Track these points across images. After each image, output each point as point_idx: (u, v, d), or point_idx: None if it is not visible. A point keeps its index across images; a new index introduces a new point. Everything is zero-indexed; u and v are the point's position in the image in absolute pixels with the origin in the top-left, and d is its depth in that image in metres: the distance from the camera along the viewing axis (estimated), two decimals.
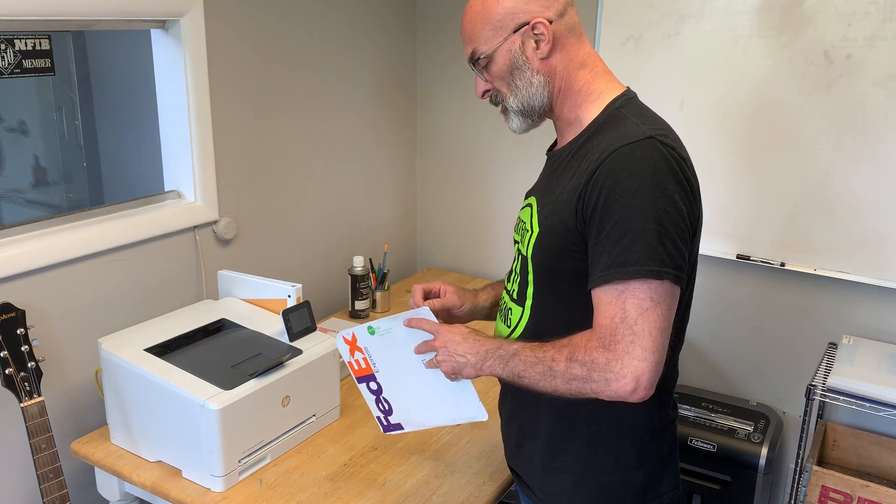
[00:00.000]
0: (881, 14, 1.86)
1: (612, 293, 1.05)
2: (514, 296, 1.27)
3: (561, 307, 1.19)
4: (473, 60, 1.21)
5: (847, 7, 1.89)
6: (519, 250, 1.26)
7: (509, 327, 1.28)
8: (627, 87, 1.22)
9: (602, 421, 1.20)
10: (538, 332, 1.20)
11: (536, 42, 1.16)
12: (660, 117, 1.18)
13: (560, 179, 1.19)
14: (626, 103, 1.17)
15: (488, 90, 1.24)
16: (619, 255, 1.04)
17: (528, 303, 1.22)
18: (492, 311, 1.43)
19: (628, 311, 1.03)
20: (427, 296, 1.37)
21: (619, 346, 1.03)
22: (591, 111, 1.18)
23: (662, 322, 1.04)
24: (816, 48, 1.95)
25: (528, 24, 1.15)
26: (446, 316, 1.37)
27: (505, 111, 1.24)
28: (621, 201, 1.05)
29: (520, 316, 1.25)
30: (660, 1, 2.13)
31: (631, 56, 2.19)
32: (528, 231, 1.22)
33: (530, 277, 1.21)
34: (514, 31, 1.16)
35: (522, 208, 1.31)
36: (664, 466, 1.25)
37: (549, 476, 1.26)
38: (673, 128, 1.17)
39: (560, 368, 1.08)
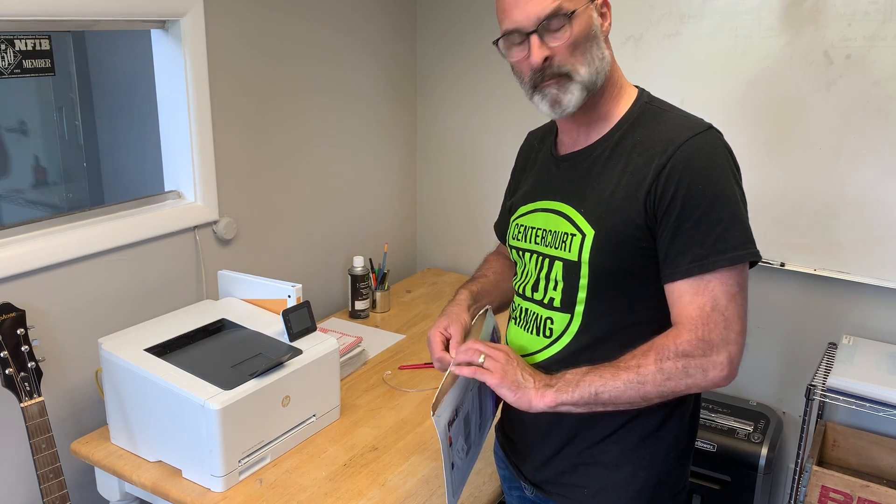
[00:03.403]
0: (881, 14, 1.86)
1: (700, 283, 1.06)
2: (556, 304, 1.20)
3: (621, 307, 1.16)
4: (550, 18, 1.08)
5: (847, 7, 1.89)
6: (554, 258, 1.19)
7: (548, 338, 1.21)
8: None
9: (660, 411, 1.19)
10: (592, 336, 1.17)
11: (603, 18, 1.15)
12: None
13: (603, 178, 1.15)
14: (651, 98, 1.19)
15: (549, 57, 1.10)
16: (717, 242, 1.05)
17: (580, 308, 1.17)
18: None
19: (718, 299, 1.05)
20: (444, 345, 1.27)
21: (714, 334, 1.05)
22: (621, 106, 1.17)
23: (746, 304, 1.08)
24: (816, 48, 1.95)
25: None
26: None
27: (560, 82, 1.11)
28: (706, 192, 1.06)
29: (566, 323, 1.19)
30: (660, 1, 2.13)
31: (631, 56, 2.19)
32: (573, 235, 1.16)
33: (583, 282, 1.16)
34: (591, 1, 1.12)
35: (526, 214, 1.26)
36: (689, 455, 1.27)
37: (592, 477, 1.22)
38: None
39: (649, 372, 1.06)
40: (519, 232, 1.28)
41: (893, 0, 1.84)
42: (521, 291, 1.28)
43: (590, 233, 1.14)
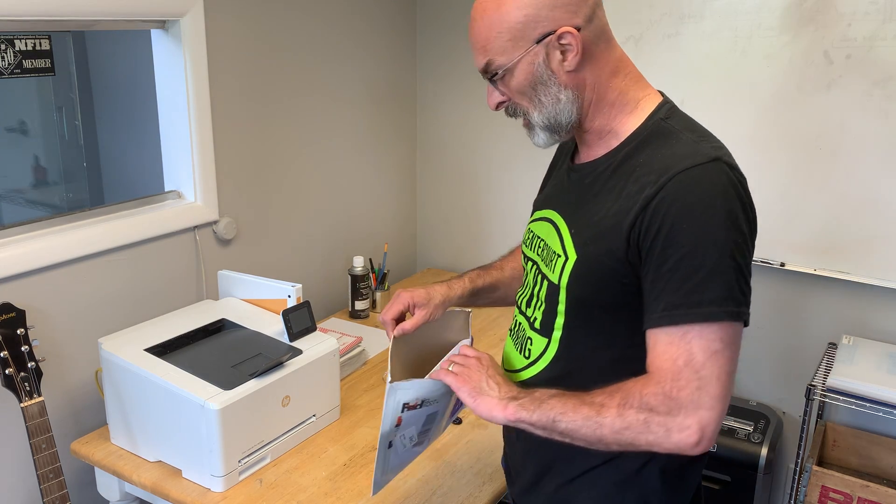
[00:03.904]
0: (881, 14, 1.86)
1: (676, 333, 0.93)
2: (537, 325, 1.13)
3: (598, 342, 1.07)
4: (488, 73, 1.06)
5: (847, 7, 1.89)
6: (544, 275, 1.12)
7: (527, 359, 1.15)
8: (662, 93, 1.10)
9: (637, 458, 1.09)
10: (567, 369, 1.10)
11: (563, 53, 1.01)
12: (708, 129, 1.07)
13: (598, 199, 1.06)
14: (671, 113, 1.05)
15: (503, 102, 1.09)
16: (691, 293, 0.92)
17: (557, 335, 1.10)
18: (469, 301, 1.33)
19: (694, 354, 0.92)
20: (398, 319, 1.26)
21: (684, 392, 0.92)
22: (628, 123, 1.06)
23: (731, 366, 0.93)
24: (816, 48, 1.95)
25: (553, 33, 1.00)
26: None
27: (528, 125, 1.09)
28: (691, 232, 0.93)
29: (543, 348, 1.13)
30: (660, 1, 2.13)
31: (631, 56, 2.15)
32: (559, 256, 1.09)
33: (561, 307, 1.08)
34: (538, 42, 1.00)
35: (536, 220, 1.19)
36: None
37: None
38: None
39: (610, 415, 0.95)
40: (528, 238, 1.21)
41: (893, 0, 1.84)
42: (518, 303, 1.22)
43: (572, 257, 1.06)
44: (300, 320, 1.68)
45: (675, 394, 0.93)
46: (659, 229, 0.95)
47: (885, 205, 1.95)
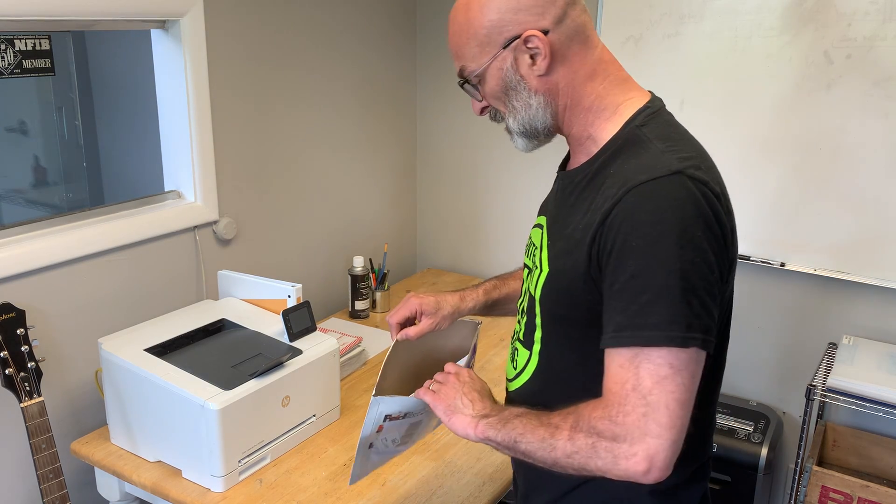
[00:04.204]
0: (881, 14, 1.86)
1: (626, 355, 0.89)
2: (521, 336, 1.12)
3: (572, 359, 1.05)
4: (463, 79, 1.07)
5: (847, 7, 1.89)
6: (528, 287, 1.10)
7: (515, 369, 1.15)
8: (651, 95, 1.05)
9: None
10: (548, 383, 1.08)
11: (532, 57, 0.99)
12: (689, 137, 1.02)
13: (573, 210, 1.03)
14: (649, 119, 1.00)
15: (486, 107, 1.09)
16: (636, 315, 0.89)
17: (536, 348, 1.09)
18: (484, 312, 1.32)
19: (642, 379, 0.88)
20: (403, 323, 1.26)
21: (630, 418, 0.88)
22: (606, 129, 1.01)
23: (683, 393, 0.87)
24: (816, 48, 1.95)
25: (519, 37, 0.98)
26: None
27: (508, 130, 1.09)
28: (639, 251, 0.89)
29: (526, 360, 1.11)
30: (660, 1, 2.13)
31: (631, 56, 2.19)
32: (536, 268, 1.07)
33: (538, 321, 1.07)
34: (504, 47, 1.00)
35: (534, 226, 1.17)
36: None
37: None
38: (705, 149, 1.02)
39: (561, 438, 0.92)
40: (528, 243, 1.18)
41: (893, 0, 1.84)
42: (519, 309, 1.19)
43: (545, 271, 1.04)
44: (300, 320, 1.68)
45: (621, 419, 0.88)
46: (612, 246, 0.92)
47: (886, 205, 1.95)
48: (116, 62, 2.72)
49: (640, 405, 0.87)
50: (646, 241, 0.89)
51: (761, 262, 2.15)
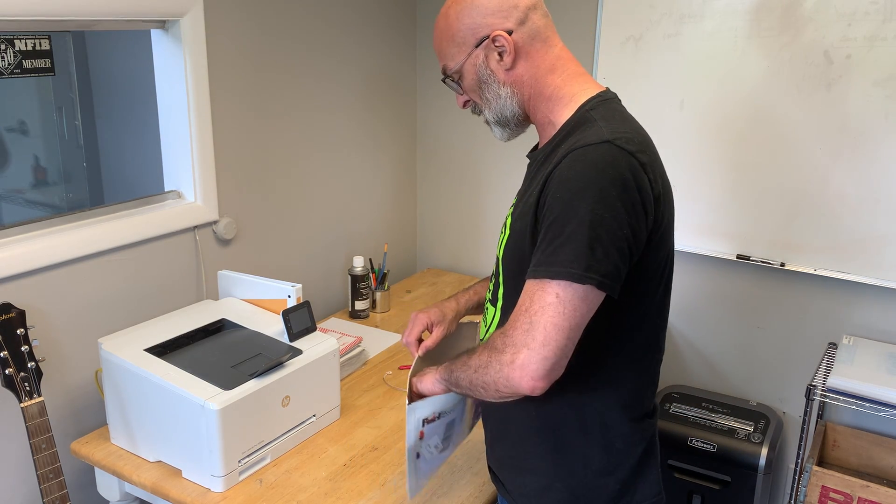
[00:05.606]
0: (881, 14, 1.86)
1: (534, 285, 1.04)
2: (490, 296, 1.28)
3: None
4: (445, 76, 1.24)
5: (847, 7, 1.89)
6: (497, 252, 1.27)
7: (485, 325, 1.30)
8: (606, 89, 1.19)
9: (568, 424, 1.19)
10: None
11: (500, 54, 1.17)
12: (631, 120, 1.16)
13: (533, 181, 1.18)
14: (598, 105, 1.15)
15: (467, 101, 1.27)
16: (550, 254, 1.03)
17: (500, 304, 1.23)
18: (477, 311, 1.45)
19: (533, 303, 1.03)
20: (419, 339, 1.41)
21: (515, 332, 1.04)
22: (563, 114, 1.17)
23: (562, 320, 1.01)
24: (816, 48, 1.95)
25: (488, 37, 1.17)
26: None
27: (486, 122, 1.27)
28: (561, 202, 1.04)
29: (492, 317, 1.26)
30: (660, 1, 2.13)
31: (631, 56, 2.19)
32: (503, 233, 1.23)
33: (501, 279, 1.22)
34: (477, 46, 1.18)
35: (513, 204, 1.31)
36: (637, 474, 1.22)
37: (521, 477, 1.26)
38: (647, 131, 1.15)
39: (475, 360, 1.11)
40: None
41: (893, 0, 1.84)
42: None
43: (507, 233, 1.20)
44: (300, 320, 1.68)
45: (510, 333, 1.04)
46: (546, 200, 1.07)
47: (885, 205, 1.95)
48: (116, 62, 2.72)
49: (525, 323, 1.03)
50: (569, 194, 1.04)
51: (761, 262, 2.15)
